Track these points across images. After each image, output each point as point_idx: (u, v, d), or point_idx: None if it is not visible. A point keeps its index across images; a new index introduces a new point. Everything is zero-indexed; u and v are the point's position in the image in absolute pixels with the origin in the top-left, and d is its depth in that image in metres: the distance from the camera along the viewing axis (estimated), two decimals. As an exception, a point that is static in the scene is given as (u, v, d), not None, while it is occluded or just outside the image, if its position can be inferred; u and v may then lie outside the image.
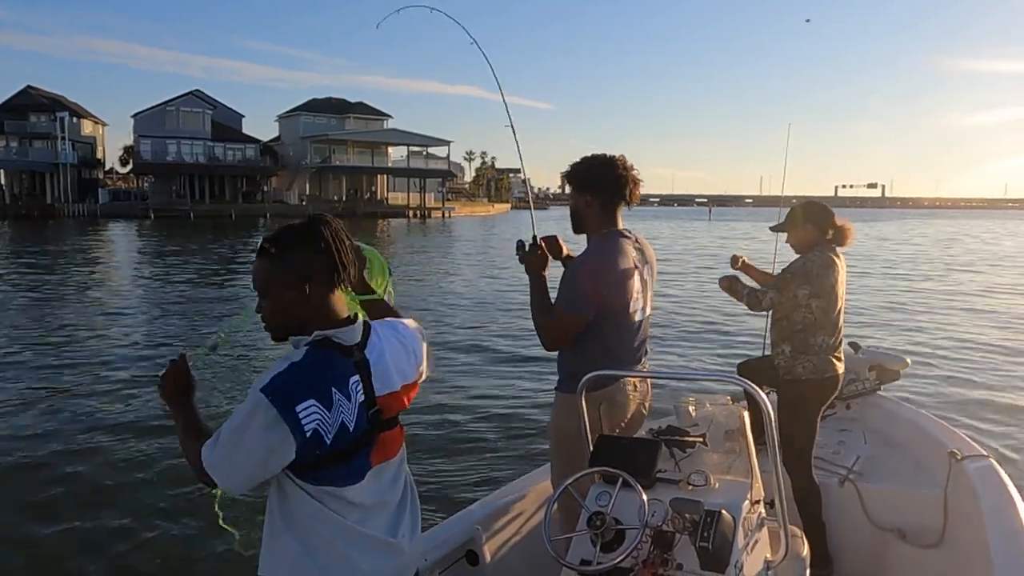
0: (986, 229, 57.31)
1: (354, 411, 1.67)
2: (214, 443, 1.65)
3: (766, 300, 3.53)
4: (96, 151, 73.33)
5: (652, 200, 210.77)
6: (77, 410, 7.81)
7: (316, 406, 1.60)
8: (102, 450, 6.63)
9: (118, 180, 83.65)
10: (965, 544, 3.10)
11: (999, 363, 9.96)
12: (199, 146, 67.32)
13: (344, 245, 1.74)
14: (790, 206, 3.77)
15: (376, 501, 1.78)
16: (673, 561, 2.26)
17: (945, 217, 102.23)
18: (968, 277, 21.84)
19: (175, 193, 65.90)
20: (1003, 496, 3.11)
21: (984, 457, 3.50)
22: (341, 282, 1.75)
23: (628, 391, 2.98)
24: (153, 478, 5.96)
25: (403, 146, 75.13)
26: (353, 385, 1.68)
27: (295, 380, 1.62)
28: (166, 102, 67.18)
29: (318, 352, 1.68)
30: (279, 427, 1.58)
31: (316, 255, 1.69)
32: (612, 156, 2.96)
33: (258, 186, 70.96)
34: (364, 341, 1.75)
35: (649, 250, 3.09)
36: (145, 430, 6.95)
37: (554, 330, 2.90)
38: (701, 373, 6.76)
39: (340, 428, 1.64)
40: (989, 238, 45.74)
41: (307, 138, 70.67)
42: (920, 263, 26.86)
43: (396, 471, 1.86)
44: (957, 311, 14.77)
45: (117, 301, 16.24)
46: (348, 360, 1.70)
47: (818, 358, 3.53)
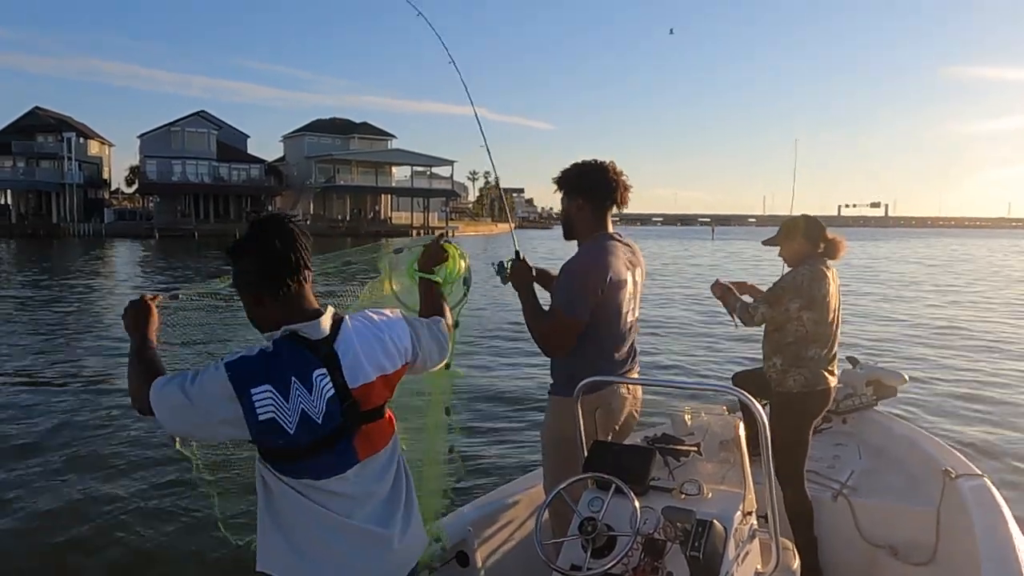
0: (989, 250, 57.17)
1: (319, 403, 1.70)
2: (167, 382, 1.71)
3: (758, 315, 3.55)
4: (102, 171, 73.67)
5: (655, 220, 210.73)
6: (75, 424, 7.81)
7: (271, 392, 1.65)
8: (99, 458, 6.63)
9: (124, 200, 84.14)
10: (957, 562, 3.09)
11: (997, 382, 9.89)
12: (204, 166, 67.61)
13: (292, 244, 1.74)
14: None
15: (363, 493, 1.79)
16: (663, 569, 2.26)
17: (948, 236, 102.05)
18: (969, 296, 21.78)
19: (180, 213, 66.12)
20: (996, 516, 3.09)
21: (978, 476, 3.49)
22: (295, 283, 1.75)
23: (621, 396, 2.98)
24: (155, 497, 5.95)
25: (407, 166, 75.45)
26: (317, 378, 1.71)
27: (257, 365, 1.68)
28: (172, 123, 67.59)
29: (284, 344, 1.72)
30: (233, 404, 1.65)
31: (262, 263, 1.74)
32: (602, 161, 3.00)
33: (263, 206, 70.91)
34: (334, 334, 1.77)
35: (639, 254, 3.12)
36: (147, 456, 6.95)
37: (556, 334, 2.88)
38: (697, 383, 6.76)
39: (302, 418, 1.68)
40: (995, 259, 45.68)
41: (311, 158, 71.00)
42: (922, 282, 26.80)
43: (386, 462, 1.86)
44: (957, 330, 14.68)
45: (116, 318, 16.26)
46: (315, 352, 1.73)
47: (809, 371, 3.54)
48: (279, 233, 1.75)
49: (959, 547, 3.09)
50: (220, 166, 68.62)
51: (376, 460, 1.83)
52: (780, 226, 3.75)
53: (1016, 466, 6.48)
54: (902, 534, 3.50)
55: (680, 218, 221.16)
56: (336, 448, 1.75)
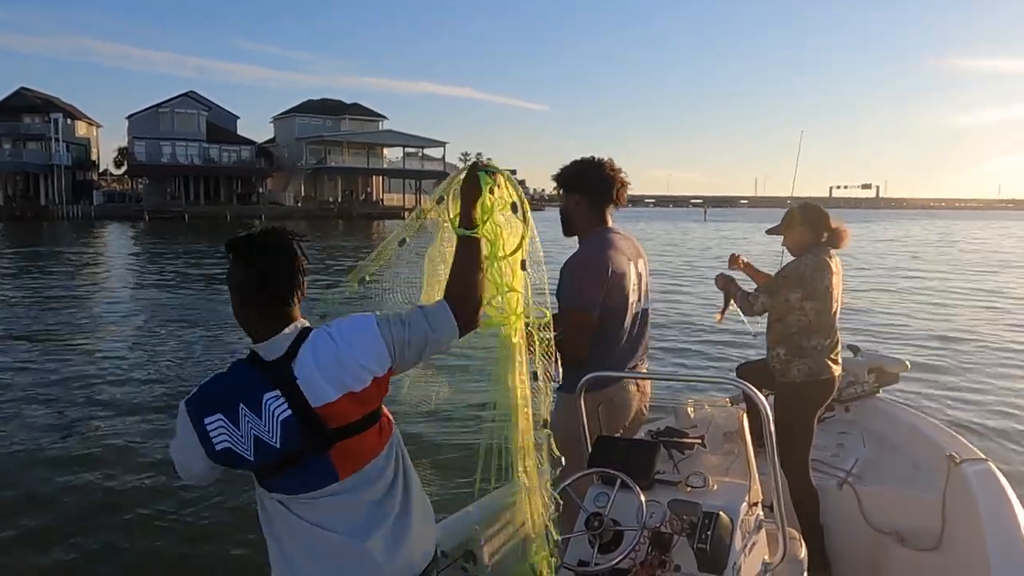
0: (980, 228, 57.35)
1: (272, 427, 1.65)
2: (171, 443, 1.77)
3: (757, 304, 3.55)
4: (90, 153, 73.09)
5: (648, 200, 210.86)
6: (70, 415, 7.78)
7: (222, 421, 1.65)
8: (100, 460, 6.56)
9: (112, 182, 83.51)
10: (963, 548, 3.09)
11: (1000, 367, 9.91)
12: (194, 147, 67.10)
13: (290, 266, 1.72)
14: (787, 208, 3.78)
15: (346, 505, 1.73)
16: (671, 563, 2.26)
17: (940, 218, 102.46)
18: (969, 279, 21.78)
19: (170, 195, 65.78)
20: (1001, 500, 3.10)
21: (983, 461, 3.49)
22: (280, 302, 1.72)
23: (629, 391, 2.97)
24: (157, 485, 5.91)
25: (399, 147, 75.08)
26: (268, 401, 1.66)
27: (209, 394, 1.69)
28: (160, 103, 66.96)
29: (239, 367, 1.72)
30: (192, 434, 1.67)
31: (257, 278, 1.71)
32: (600, 158, 3.01)
33: (253, 187, 70.80)
34: (294, 353, 1.69)
35: (639, 246, 3.13)
36: (141, 435, 6.91)
37: (572, 333, 2.72)
38: (700, 375, 6.74)
39: (256, 443, 1.65)
40: (987, 237, 45.78)
41: (303, 139, 70.54)
42: (920, 265, 26.85)
43: (376, 474, 1.78)
44: (958, 315, 14.69)
45: (107, 304, 16.19)
46: (266, 375, 1.68)
47: (813, 360, 3.53)
48: (279, 252, 1.73)
49: (965, 532, 3.10)
50: (210, 147, 68.12)
51: (363, 475, 1.76)
52: (784, 214, 3.73)
53: (1021, 450, 6.51)
54: (908, 520, 3.51)
55: (672, 199, 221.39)
56: (308, 466, 1.70)
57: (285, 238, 1.75)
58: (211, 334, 12.49)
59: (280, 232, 1.76)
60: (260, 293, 1.71)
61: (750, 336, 4.44)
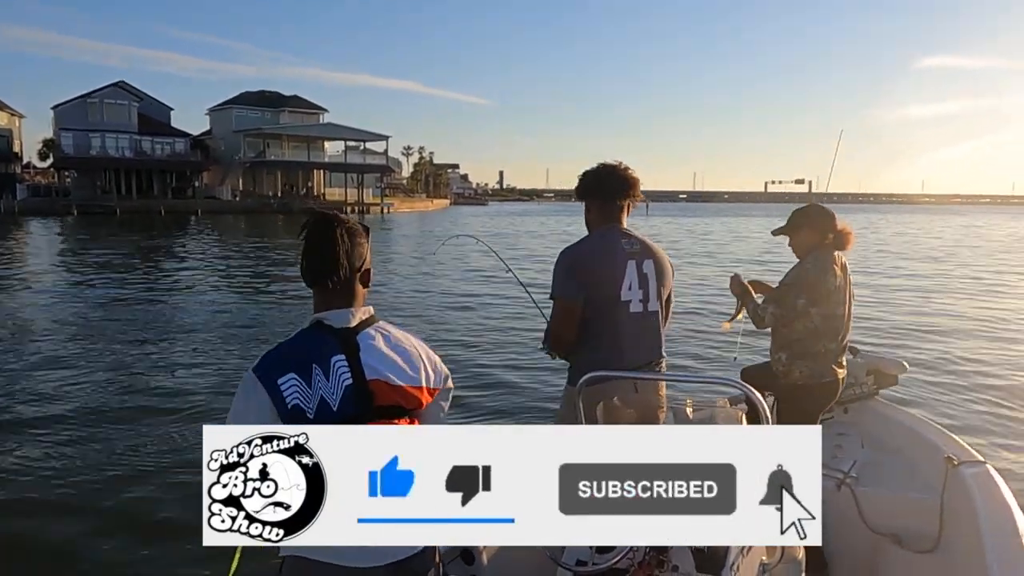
0: (923, 223, 59.26)
1: (336, 390, 1.78)
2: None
3: (768, 317, 3.55)
4: (12, 144, 69.62)
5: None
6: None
7: (295, 379, 1.76)
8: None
9: (36, 175, 79.73)
10: (961, 550, 3.10)
11: (997, 368, 9.87)
12: (125, 140, 64.65)
13: (333, 248, 1.86)
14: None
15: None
16: (669, 563, 2.26)
17: (876, 212, 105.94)
18: (962, 275, 21.71)
19: (100, 188, 63.16)
20: (999, 502, 3.11)
21: (981, 463, 3.51)
22: (332, 282, 1.87)
23: (632, 391, 2.90)
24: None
25: (340, 141, 73.81)
26: (336, 363, 1.80)
27: (279, 356, 1.81)
28: (89, 93, 64.28)
29: (306, 333, 1.87)
30: (263, 396, 1.75)
31: (307, 260, 1.89)
32: (610, 165, 3.12)
33: (189, 181, 68.70)
34: (360, 328, 1.87)
35: (655, 247, 3.11)
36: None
37: (554, 315, 2.99)
38: (701, 376, 6.70)
39: (320, 404, 1.76)
40: (949, 233, 47.13)
41: (240, 132, 68.63)
42: (910, 263, 26.55)
43: None
44: (956, 314, 14.51)
45: (34, 303, 15.32)
46: (336, 340, 1.83)
47: (816, 362, 3.51)
48: (322, 235, 1.88)
49: (963, 534, 3.10)
50: (142, 139, 65.72)
51: None
52: (789, 216, 3.73)
53: (1019, 451, 6.55)
54: (906, 522, 3.52)
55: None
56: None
57: (325, 224, 1.91)
58: (149, 337, 11.87)
59: (324, 219, 1.93)
60: (316, 274, 1.88)
61: (757, 338, 4.36)
